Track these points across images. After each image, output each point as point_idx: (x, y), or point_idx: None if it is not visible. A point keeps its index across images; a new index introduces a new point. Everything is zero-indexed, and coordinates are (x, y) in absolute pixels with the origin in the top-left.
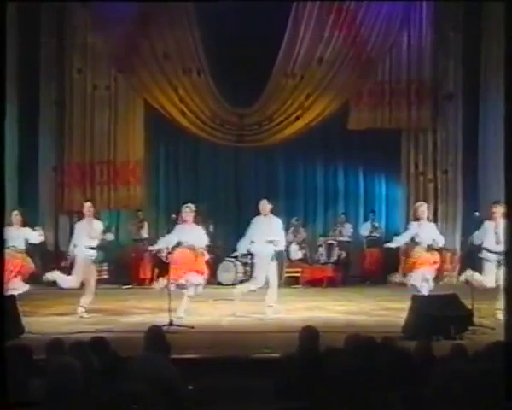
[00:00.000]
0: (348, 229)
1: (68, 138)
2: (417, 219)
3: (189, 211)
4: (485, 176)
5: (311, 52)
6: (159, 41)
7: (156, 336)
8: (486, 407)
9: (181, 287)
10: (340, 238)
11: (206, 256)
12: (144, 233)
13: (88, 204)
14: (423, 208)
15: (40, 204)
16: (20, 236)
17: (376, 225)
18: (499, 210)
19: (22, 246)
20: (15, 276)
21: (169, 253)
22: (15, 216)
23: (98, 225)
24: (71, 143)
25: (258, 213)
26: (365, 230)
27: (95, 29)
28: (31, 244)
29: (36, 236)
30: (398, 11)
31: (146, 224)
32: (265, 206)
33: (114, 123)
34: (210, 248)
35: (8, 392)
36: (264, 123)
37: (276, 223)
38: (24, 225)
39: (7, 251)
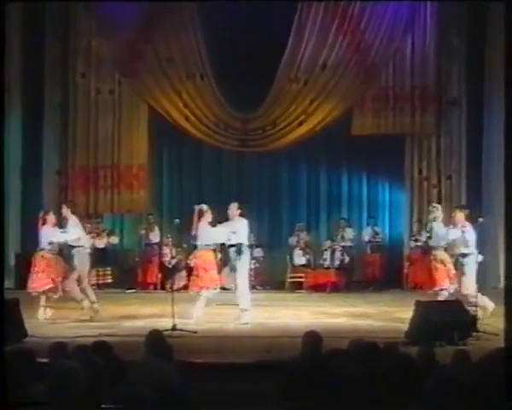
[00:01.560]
0: (350, 233)
1: (72, 142)
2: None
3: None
4: (489, 182)
5: (315, 57)
6: (162, 46)
7: (156, 340)
8: None
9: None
10: (343, 243)
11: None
12: (154, 237)
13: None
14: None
15: (43, 207)
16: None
17: (377, 230)
18: (457, 215)
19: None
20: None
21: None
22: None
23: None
24: (75, 146)
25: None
26: (366, 235)
27: (99, 33)
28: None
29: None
30: (401, 17)
31: (156, 228)
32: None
33: (118, 127)
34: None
35: (10, 396)
36: (267, 128)
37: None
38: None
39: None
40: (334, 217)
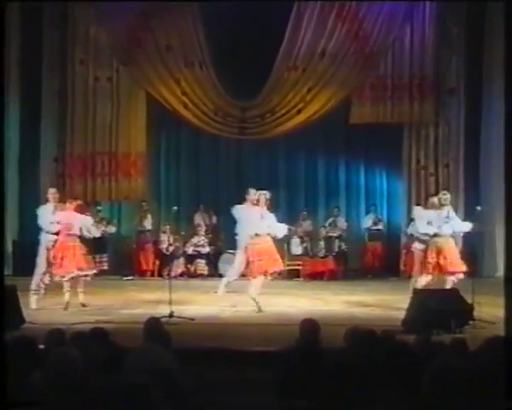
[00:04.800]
0: (343, 223)
1: (70, 130)
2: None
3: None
4: (487, 170)
5: (314, 45)
6: (161, 33)
7: (154, 327)
8: (485, 402)
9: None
10: (338, 232)
11: None
12: (147, 224)
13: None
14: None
15: (41, 195)
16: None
17: (379, 217)
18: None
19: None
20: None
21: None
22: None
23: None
24: (72, 134)
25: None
26: (367, 222)
27: (97, 20)
28: None
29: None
30: (401, 5)
31: (149, 215)
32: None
33: (116, 115)
34: (211, 240)
35: (9, 383)
36: (266, 116)
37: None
38: None
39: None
40: (331, 206)
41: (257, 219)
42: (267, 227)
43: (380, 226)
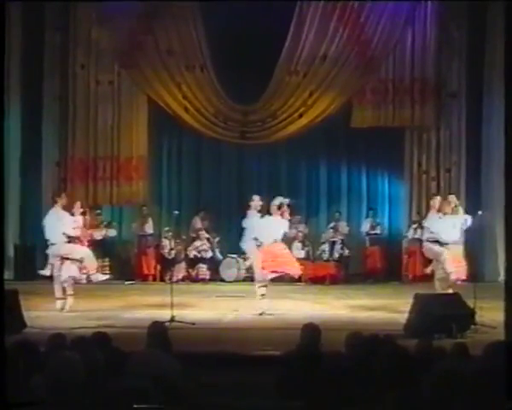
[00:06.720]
0: (344, 227)
1: (71, 134)
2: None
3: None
4: (489, 175)
5: (315, 49)
6: (162, 37)
7: (158, 332)
8: (486, 407)
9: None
10: (340, 236)
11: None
12: (148, 229)
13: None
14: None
15: (43, 199)
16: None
17: (377, 221)
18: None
19: None
20: None
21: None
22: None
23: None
24: (74, 138)
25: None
26: (365, 226)
27: (98, 24)
28: None
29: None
30: (402, 9)
31: (150, 219)
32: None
33: (118, 119)
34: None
35: (9, 387)
36: (267, 120)
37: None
38: None
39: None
40: (333, 210)
41: None
42: None
43: (377, 231)
